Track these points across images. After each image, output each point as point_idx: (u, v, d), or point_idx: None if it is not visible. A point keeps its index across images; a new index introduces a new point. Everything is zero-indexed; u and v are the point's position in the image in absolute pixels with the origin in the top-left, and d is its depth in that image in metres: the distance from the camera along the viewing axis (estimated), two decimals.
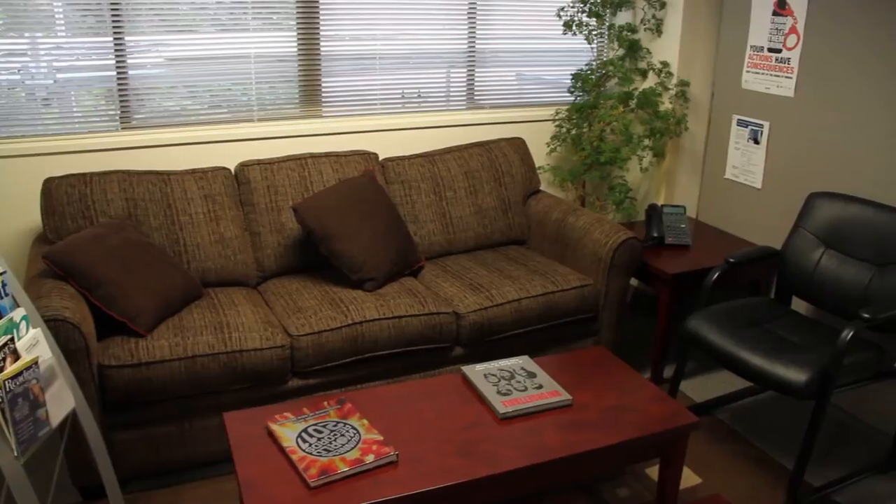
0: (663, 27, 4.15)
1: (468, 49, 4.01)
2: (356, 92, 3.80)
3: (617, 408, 2.57)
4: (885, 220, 3.12)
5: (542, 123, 4.21)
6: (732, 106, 4.03)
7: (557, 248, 3.67)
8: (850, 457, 3.24)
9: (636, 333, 4.23)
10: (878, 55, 3.29)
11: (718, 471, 3.09)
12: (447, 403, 2.56)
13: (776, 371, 2.81)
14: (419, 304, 3.10)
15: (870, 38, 3.32)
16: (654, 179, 4.36)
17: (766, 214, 3.91)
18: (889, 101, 3.27)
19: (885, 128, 3.29)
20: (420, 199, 3.62)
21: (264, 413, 2.46)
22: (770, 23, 3.76)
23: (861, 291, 3.11)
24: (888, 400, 3.38)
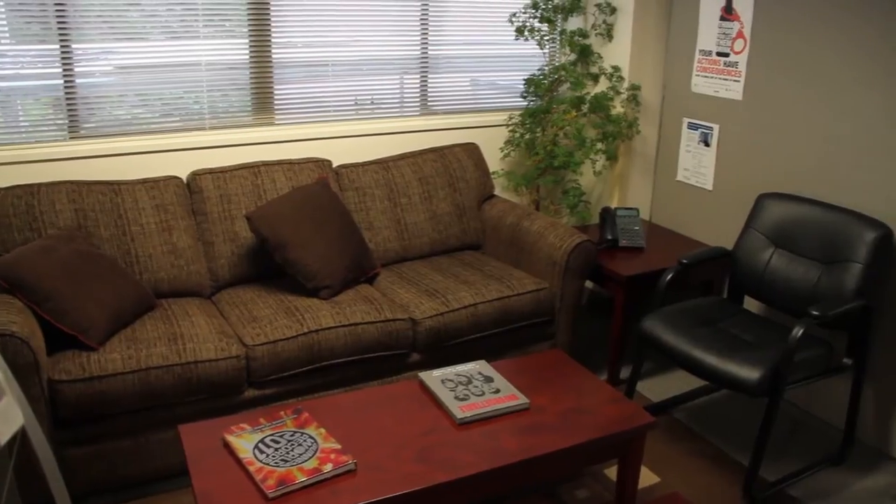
0: (614, 32, 4.19)
1: (421, 55, 4.01)
2: (309, 99, 3.78)
3: (574, 410, 2.59)
4: (832, 219, 3.18)
5: (496, 129, 4.23)
6: (683, 109, 4.09)
7: (512, 252, 3.68)
8: (803, 451, 3.30)
9: (592, 335, 4.26)
10: (821, 59, 3.36)
11: (676, 469, 3.12)
12: (405, 410, 2.56)
13: (729, 369, 2.85)
14: (375, 311, 3.09)
15: (813, 43, 3.39)
16: (607, 183, 4.40)
17: (717, 215, 3.97)
18: (832, 103, 3.34)
19: (829, 129, 3.36)
20: (374, 206, 3.61)
21: (220, 424, 2.44)
22: (718, 28, 3.82)
23: (810, 289, 3.17)
24: (838, 394, 3.45)
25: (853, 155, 3.29)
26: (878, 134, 3.19)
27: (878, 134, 3.19)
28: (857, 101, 3.25)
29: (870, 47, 3.18)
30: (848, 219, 3.14)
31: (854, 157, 3.28)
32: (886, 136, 3.16)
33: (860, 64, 3.22)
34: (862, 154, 3.25)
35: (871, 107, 3.20)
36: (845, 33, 3.25)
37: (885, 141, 3.17)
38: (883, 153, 3.18)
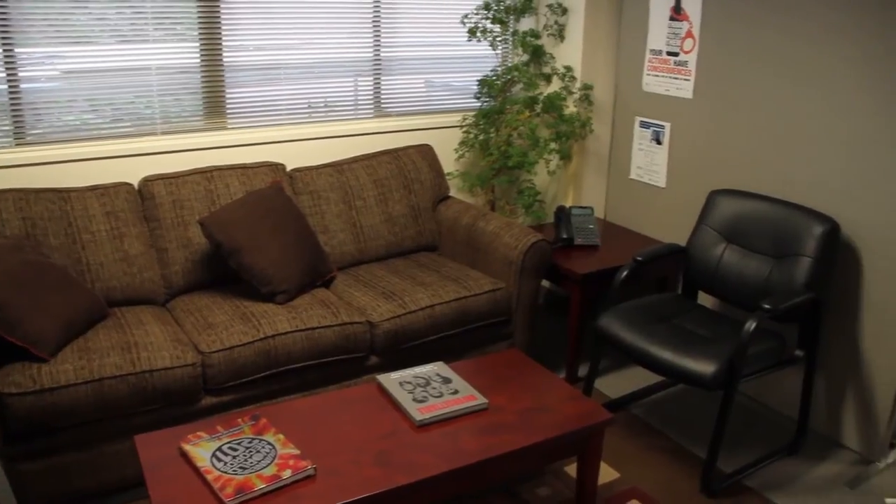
0: (566, 32, 4.22)
1: (374, 57, 4.00)
2: (262, 102, 3.75)
3: (532, 409, 2.60)
4: (781, 214, 3.24)
5: (450, 130, 4.24)
6: (635, 108, 4.13)
7: (469, 253, 3.69)
8: (758, 442, 3.35)
9: (550, 334, 4.28)
10: (768, 57, 3.42)
11: (635, 464, 3.15)
12: (363, 413, 2.55)
13: (685, 364, 2.89)
14: (332, 315, 3.07)
15: (760, 41, 3.44)
16: (561, 182, 4.42)
17: (670, 213, 4.01)
18: (779, 101, 3.40)
19: (777, 126, 3.42)
20: (329, 209, 3.60)
21: (177, 434, 2.41)
22: (667, 27, 3.87)
23: (762, 284, 3.22)
24: (791, 386, 3.51)
25: (800, 151, 3.35)
26: (824, 130, 3.25)
27: (823, 130, 3.25)
28: (802, 99, 3.31)
29: (813, 46, 3.24)
30: (797, 214, 3.19)
31: (801, 153, 3.34)
32: (831, 132, 3.22)
33: (805, 62, 3.28)
34: (809, 150, 3.31)
35: (817, 104, 3.26)
36: (790, 31, 3.31)
37: (830, 136, 3.23)
38: (828, 148, 3.24)
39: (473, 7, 4.14)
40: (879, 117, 3.06)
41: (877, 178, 3.09)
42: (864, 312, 3.20)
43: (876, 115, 3.07)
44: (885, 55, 3.01)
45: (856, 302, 3.22)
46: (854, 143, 3.15)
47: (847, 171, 3.19)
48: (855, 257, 3.20)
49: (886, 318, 3.13)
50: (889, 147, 3.04)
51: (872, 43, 3.04)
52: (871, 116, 3.09)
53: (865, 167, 3.13)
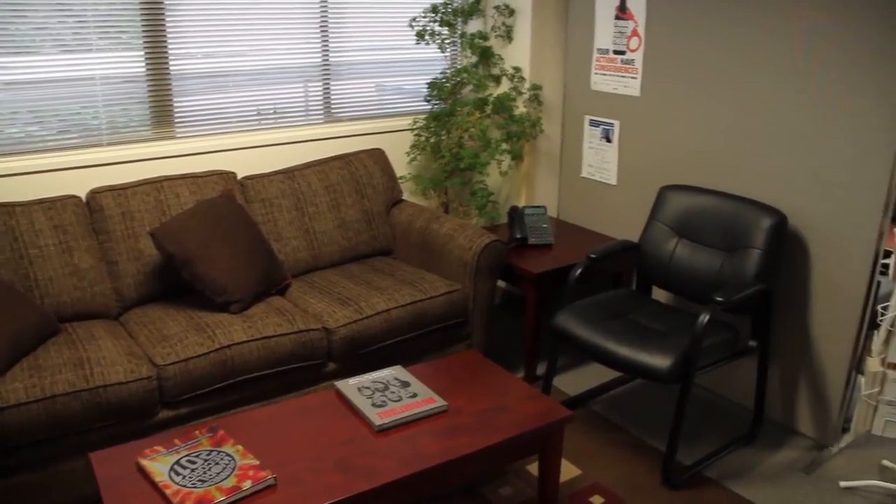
0: (513, 34, 4.24)
1: (322, 62, 3.99)
2: (210, 111, 3.71)
3: (492, 409, 2.61)
4: (731, 208, 3.29)
5: (402, 133, 4.23)
6: (584, 107, 4.16)
7: (423, 255, 3.69)
8: (717, 433, 3.39)
9: (508, 334, 4.29)
10: (713, 54, 3.47)
11: (596, 460, 3.17)
12: (322, 420, 2.53)
13: (641, 359, 2.91)
14: (288, 323, 3.05)
15: (704, 38, 3.49)
16: (514, 182, 4.44)
17: (622, 209, 4.05)
18: (724, 97, 3.45)
19: (724, 121, 3.47)
20: (282, 216, 3.57)
21: (133, 449, 2.37)
22: (613, 26, 3.91)
23: (714, 277, 3.27)
24: (746, 376, 3.56)
25: (747, 145, 3.40)
26: (769, 124, 3.30)
27: (768, 124, 3.31)
28: (748, 94, 3.36)
29: (757, 42, 3.29)
30: (745, 207, 3.24)
31: (748, 147, 3.40)
32: (777, 126, 3.28)
33: (750, 58, 3.33)
34: (755, 144, 3.37)
35: (762, 98, 3.32)
36: (734, 28, 3.36)
37: (775, 130, 3.29)
38: (774, 142, 3.30)
39: (421, 10, 4.14)
40: (821, 111, 3.12)
41: (821, 171, 3.15)
42: (814, 302, 3.26)
43: (818, 109, 3.13)
44: (826, 51, 3.07)
45: (805, 292, 3.28)
46: (798, 137, 3.21)
47: (792, 164, 3.25)
48: (803, 248, 3.26)
49: (835, 306, 3.20)
50: (831, 139, 3.10)
51: (815, 38, 3.10)
52: (813, 110, 3.15)
53: (810, 160, 3.19)
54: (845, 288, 3.15)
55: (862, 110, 2.99)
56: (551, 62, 4.25)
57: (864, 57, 2.95)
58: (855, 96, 3.01)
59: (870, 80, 2.95)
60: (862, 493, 3.02)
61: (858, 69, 2.98)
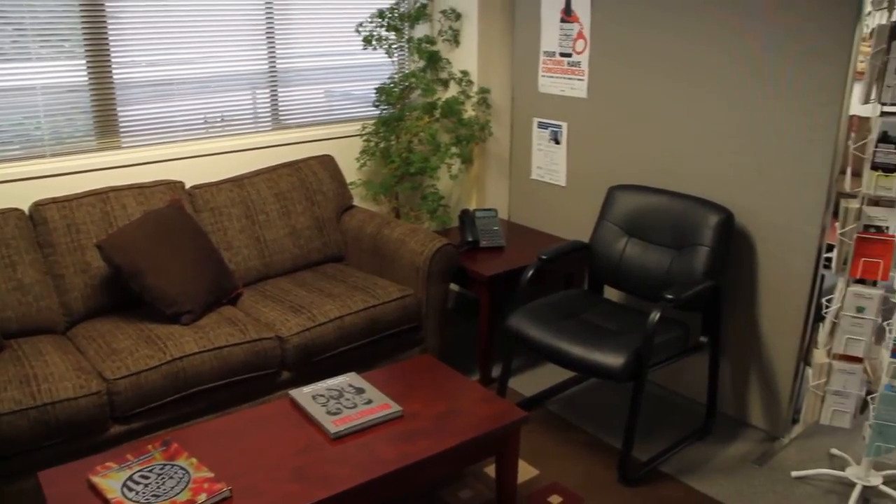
0: (460, 38, 4.25)
1: (269, 69, 3.95)
2: (156, 119, 3.66)
3: (447, 413, 2.61)
4: (678, 206, 3.33)
5: (351, 139, 4.22)
6: (532, 109, 4.19)
7: (375, 261, 3.68)
8: (671, 429, 3.43)
9: (462, 337, 4.30)
10: (657, 55, 3.51)
11: (554, 460, 3.19)
12: (277, 430, 2.51)
13: (594, 358, 2.93)
14: (240, 333, 3.02)
15: (648, 39, 3.53)
16: (464, 185, 4.45)
17: (572, 210, 4.08)
18: (670, 97, 3.49)
19: (670, 121, 3.51)
20: (232, 225, 3.54)
21: (84, 466, 2.32)
22: (559, 29, 3.94)
23: (664, 275, 3.30)
24: (698, 372, 3.61)
25: (693, 144, 3.45)
26: (714, 123, 3.35)
27: (713, 123, 3.36)
28: (693, 94, 3.41)
29: (700, 43, 3.34)
30: (693, 205, 3.29)
31: (694, 146, 3.45)
32: (721, 125, 3.33)
33: (695, 59, 3.38)
34: (701, 143, 3.42)
35: (708, 98, 3.36)
36: (679, 29, 3.41)
37: (720, 129, 3.34)
38: (719, 141, 3.35)
39: (367, 15, 4.14)
40: (765, 109, 3.18)
41: (765, 168, 3.21)
42: (762, 297, 3.32)
43: (762, 108, 3.19)
44: (768, 51, 3.13)
45: (753, 287, 3.34)
46: (743, 135, 3.27)
47: (738, 162, 3.30)
48: (750, 244, 3.31)
49: (781, 301, 3.25)
50: (775, 137, 3.16)
51: (757, 39, 3.16)
52: (757, 109, 3.20)
53: (755, 158, 3.24)
54: (791, 282, 3.21)
55: (803, 109, 3.05)
56: (499, 65, 4.27)
57: (805, 56, 3.02)
58: (796, 95, 3.07)
59: (810, 78, 3.02)
60: (812, 481, 3.08)
61: (799, 69, 3.04)
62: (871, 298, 2.77)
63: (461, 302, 4.62)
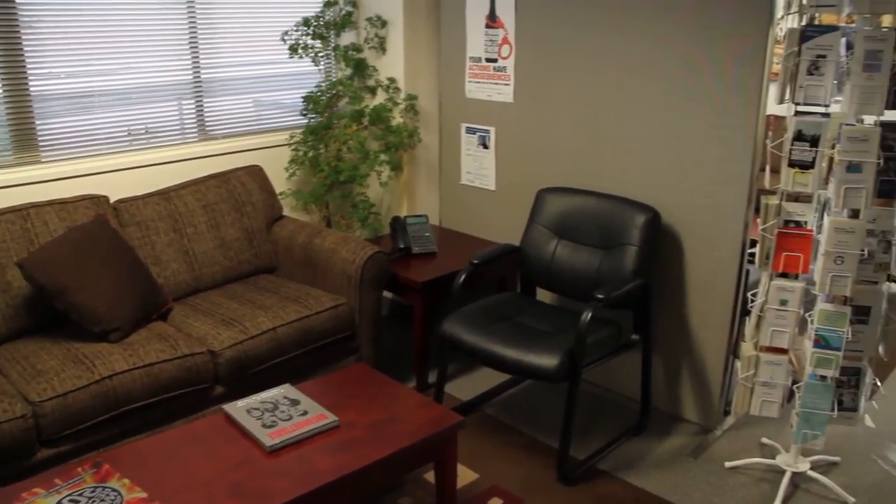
0: (387, 45, 4.26)
1: (194, 79, 3.90)
2: (77, 132, 3.57)
3: (384, 421, 2.60)
4: (606, 207, 3.38)
5: (280, 148, 4.18)
6: (460, 115, 4.20)
7: (307, 271, 3.65)
8: (607, 426, 3.48)
9: (397, 344, 4.29)
10: (581, 59, 3.56)
11: (493, 463, 3.20)
12: (212, 446, 2.47)
13: (528, 360, 2.96)
14: (171, 348, 2.97)
15: (572, 44, 3.58)
16: (395, 192, 4.45)
17: (503, 214, 4.11)
18: (594, 99, 3.55)
19: (596, 123, 3.57)
20: (159, 239, 3.47)
21: (9, 494, 2.25)
22: (484, 35, 3.97)
23: (594, 275, 3.35)
24: (631, 369, 3.66)
25: (619, 145, 3.50)
26: (639, 125, 3.41)
27: (638, 125, 3.42)
28: (617, 96, 3.47)
29: (623, 47, 3.40)
30: (620, 206, 3.34)
31: (620, 148, 3.50)
32: (647, 127, 3.39)
33: (619, 62, 3.44)
34: (626, 144, 3.47)
35: (632, 100, 3.42)
36: (602, 33, 3.46)
37: (645, 131, 3.40)
38: (645, 142, 3.41)
39: (293, 24, 4.11)
40: (687, 111, 3.25)
41: (689, 167, 3.28)
42: (690, 293, 3.39)
43: (684, 109, 3.26)
44: (690, 54, 3.20)
45: (682, 284, 3.40)
46: (667, 136, 3.33)
47: (663, 162, 3.37)
48: (677, 242, 3.38)
49: (709, 296, 3.33)
50: (697, 137, 3.23)
51: (679, 42, 3.23)
52: (680, 111, 3.27)
53: (679, 158, 3.31)
54: (718, 278, 3.29)
55: (723, 109, 3.13)
56: (425, 72, 4.29)
57: (723, 59, 3.09)
58: (717, 96, 3.14)
59: (729, 80, 3.09)
60: (745, 470, 3.16)
61: (719, 71, 3.12)
62: (794, 291, 2.85)
63: (395, 309, 4.61)
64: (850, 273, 2.68)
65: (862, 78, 2.55)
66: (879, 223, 2.72)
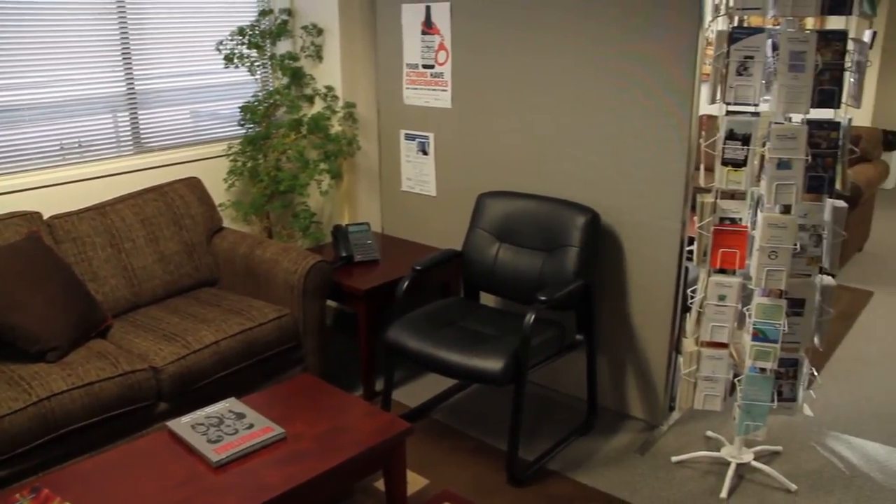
0: (323, 53, 4.24)
1: (127, 91, 3.83)
2: (7, 148, 3.48)
3: (331, 431, 2.58)
4: (546, 209, 3.41)
5: (218, 159, 4.13)
6: (398, 122, 4.21)
7: (249, 283, 3.61)
8: (555, 427, 3.50)
9: (344, 353, 4.27)
10: (517, 64, 3.59)
11: (443, 468, 3.20)
12: (156, 464, 2.43)
13: (474, 364, 2.97)
14: (112, 366, 2.91)
15: (508, 49, 3.61)
16: (336, 201, 4.43)
17: (444, 220, 4.12)
18: (532, 103, 3.58)
19: (533, 127, 3.60)
20: (96, 255, 3.41)
21: None
22: (420, 42, 3.97)
23: (536, 277, 3.38)
24: (577, 369, 3.70)
25: (557, 148, 3.54)
26: (577, 127, 3.45)
27: (576, 128, 3.46)
28: (556, 99, 3.50)
29: (560, 48, 3.44)
30: (560, 208, 3.38)
31: (559, 150, 3.54)
32: (584, 129, 3.43)
33: (555, 64, 3.47)
34: (566, 146, 3.51)
35: (569, 102, 3.46)
36: (537, 37, 3.50)
37: (583, 133, 3.44)
38: (583, 144, 3.45)
39: (228, 33, 4.07)
40: (624, 112, 3.29)
41: (627, 168, 3.33)
42: (631, 292, 3.43)
43: (620, 111, 3.30)
44: (624, 56, 3.24)
45: (623, 283, 3.45)
46: (605, 138, 3.38)
47: (601, 163, 3.41)
48: (617, 243, 3.43)
49: (650, 294, 3.38)
50: (634, 138, 3.28)
51: (614, 44, 3.27)
52: (616, 112, 3.32)
53: (616, 159, 3.36)
54: (658, 276, 3.34)
55: (660, 110, 3.18)
56: (363, 79, 4.28)
57: (656, 61, 3.15)
58: (651, 98, 3.20)
59: (663, 82, 3.15)
60: (691, 464, 3.21)
61: (653, 73, 3.17)
62: (731, 287, 2.91)
63: (340, 318, 4.59)
64: (784, 267, 2.75)
65: (788, 78, 2.62)
66: (810, 218, 2.80)
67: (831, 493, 3.02)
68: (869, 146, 6.00)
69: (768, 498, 2.99)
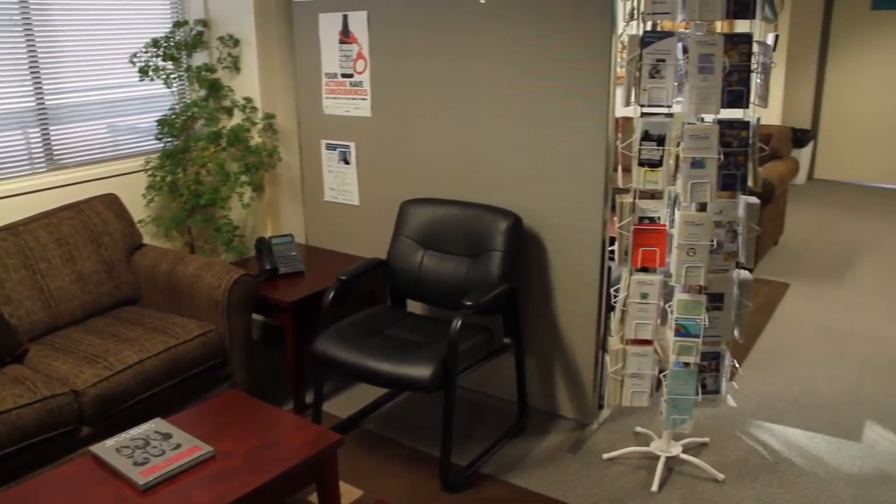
0: (241, 64, 4.19)
1: (37, 106, 3.72)
2: None
3: (260, 447, 2.55)
4: (469, 215, 3.43)
5: (136, 175, 4.04)
6: (319, 132, 4.18)
7: (172, 300, 3.55)
8: (487, 431, 3.52)
9: (272, 367, 4.22)
10: (435, 71, 3.61)
11: (376, 477, 3.19)
12: (80, 491, 2.36)
13: (403, 372, 2.96)
14: (29, 392, 2.82)
15: (426, 56, 3.62)
16: (258, 213, 4.38)
17: (368, 228, 4.11)
18: (450, 110, 3.60)
19: (453, 133, 3.62)
20: (9, 277, 3.30)
21: None
22: (338, 51, 3.96)
23: (462, 282, 3.39)
24: (506, 372, 3.73)
25: (478, 153, 3.56)
26: (496, 132, 3.48)
27: (496, 132, 3.49)
28: (474, 104, 3.53)
29: (478, 54, 3.46)
30: (483, 213, 3.40)
31: (480, 156, 3.56)
32: (503, 133, 3.46)
33: (473, 70, 3.50)
34: (486, 152, 3.54)
35: (488, 108, 3.49)
36: (455, 43, 3.52)
37: (502, 138, 3.47)
38: (503, 149, 3.48)
39: (142, 45, 3.99)
40: (541, 116, 3.34)
41: (547, 171, 3.37)
42: (556, 293, 3.48)
43: (538, 115, 3.34)
44: (543, 61, 3.29)
45: (548, 285, 3.49)
46: (524, 142, 3.41)
47: (522, 167, 3.44)
48: (540, 245, 3.47)
49: (575, 295, 3.42)
50: (553, 142, 3.32)
51: (532, 49, 3.31)
52: (534, 116, 3.36)
53: (537, 162, 3.40)
54: (582, 277, 3.39)
55: (577, 113, 3.23)
56: (282, 90, 4.24)
57: (572, 65, 3.20)
58: (568, 101, 3.24)
59: (579, 85, 3.20)
60: (622, 460, 3.26)
61: (569, 77, 3.22)
62: (653, 284, 2.97)
63: (267, 331, 4.54)
64: (702, 263, 2.82)
65: (698, 79, 2.69)
66: (725, 214, 2.88)
67: (756, 479, 3.11)
68: (779, 144, 6.19)
69: (697, 488, 3.06)
